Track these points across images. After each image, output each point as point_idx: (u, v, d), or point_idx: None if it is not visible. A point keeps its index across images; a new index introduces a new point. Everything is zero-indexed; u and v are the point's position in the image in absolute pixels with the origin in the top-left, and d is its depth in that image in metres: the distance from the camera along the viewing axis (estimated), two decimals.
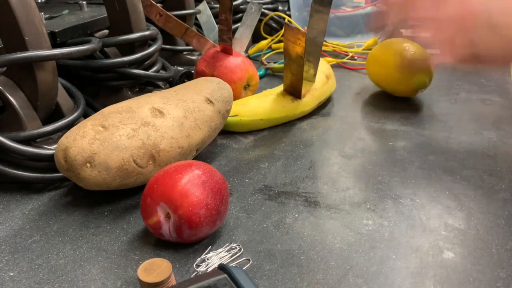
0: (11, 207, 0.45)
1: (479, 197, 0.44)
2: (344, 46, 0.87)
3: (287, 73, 0.58)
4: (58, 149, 0.43)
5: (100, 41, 0.55)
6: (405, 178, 0.48)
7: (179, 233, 0.37)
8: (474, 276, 0.35)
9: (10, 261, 0.38)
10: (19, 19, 0.43)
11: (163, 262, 0.34)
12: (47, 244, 0.40)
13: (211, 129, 0.49)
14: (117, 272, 0.37)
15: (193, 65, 0.77)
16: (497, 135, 0.55)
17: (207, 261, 0.37)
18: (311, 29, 0.58)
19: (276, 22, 0.93)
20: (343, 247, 0.38)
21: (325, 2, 0.55)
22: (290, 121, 0.62)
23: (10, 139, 0.45)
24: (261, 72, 0.78)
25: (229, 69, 0.62)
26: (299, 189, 0.47)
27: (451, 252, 0.37)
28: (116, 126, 0.43)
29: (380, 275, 0.35)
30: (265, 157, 0.53)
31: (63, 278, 0.36)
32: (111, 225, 0.42)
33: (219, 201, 0.38)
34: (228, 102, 0.52)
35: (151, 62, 0.62)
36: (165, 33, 0.69)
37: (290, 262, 0.37)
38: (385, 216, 0.42)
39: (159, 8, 0.64)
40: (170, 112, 0.46)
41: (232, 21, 0.60)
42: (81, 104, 0.53)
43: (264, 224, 0.42)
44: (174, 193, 0.37)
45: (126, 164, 0.42)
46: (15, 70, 0.47)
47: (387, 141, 0.55)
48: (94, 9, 0.67)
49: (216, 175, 0.39)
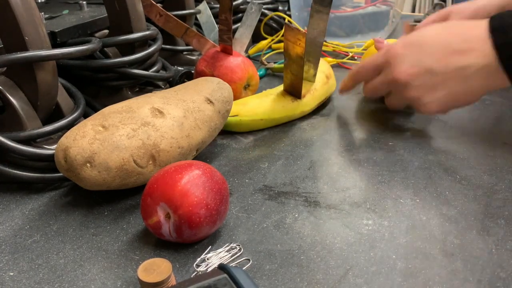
0: (11, 207, 0.45)
1: (479, 197, 0.44)
2: (344, 46, 0.87)
3: (287, 73, 0.58)
4: (58, 149, 0.43)
5: (100, 41, 0.55)
6: (405, 178, 0.48)
7: (179, 233, 0.37)
8: (474, 276, 0.35)
9: (10, 261, 0.38)
10: (19, 19, 0.43)
11: (163, 262, 0.34)
12: (47, 244, 0.40)
13: (211, 129, 0.49)
14: (117, 272, 0.37)
15: (193, 65, 0.77)
16: (497, 135, 0.55)
17: (207, 261, 0.37)
18: (311, 29, 0.58)
19: (276, 22, 0.93)
20: (343, 247, 0.38)
21: (325, 2, 0.55)
22: (290, 121, 0.62)
23: (10, 139, 0.45)
24: (261, 72, 0.78)
25: (229, 69, 0.62)
26: (299, 189, 0.47)
27: (451, 252, 0.37)
28: (116, 126, 0.43)
29: (380, 275, 0.35)
30: (265, 157, 0.53)
31: (63, 278, 0.36)
32: (111, 225, 0.42)
33: (219, 201, 0.38)
34: (228, 102, 0.52)
35: (151, 62, 0.62)
36: (165, 33, 0.69)
37: (290, 262, 0.37)
38: (385, 216, 0.42)
39: (159, 8, 0.64)
40: (170, 112, 0.46)
41: (232, 21, 0.60)
42: (81, 104, 0.53)
43: (264, 224, 0.42)
44: (174, 193, 0.37)
45: (126, 164, 0.42)
46: (15, 70, 0.47)
47: (387, 141, 0.55)
48: (94, 9, 0.67)
49: (216, 175, 0.39)
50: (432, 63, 0.50)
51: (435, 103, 0.51)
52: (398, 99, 0.55)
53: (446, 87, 0.50)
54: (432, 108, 0.52)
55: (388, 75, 0.53)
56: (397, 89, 0.53)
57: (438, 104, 0.51)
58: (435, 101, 0.51)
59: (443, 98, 0.51)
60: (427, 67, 0.50)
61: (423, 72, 0.50)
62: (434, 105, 0.51)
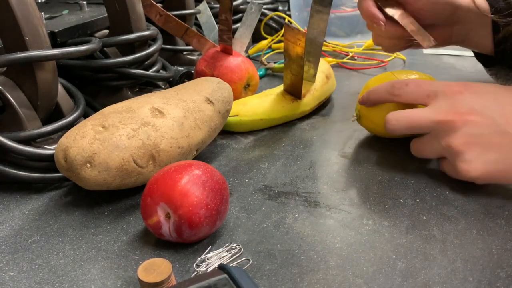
0: (11, 207, 0.45)
1: (479, 197, 0.44)
2: (344, 46, 0.87)
3: (287, 73, 0.58)
4: (58, 149, 0.43)
5: (100, 41, 0.55)
6: (405, 178, 0.48)
7: (179, 233, 0.37)
8: (474, 276, 0.35)
9: (10, 261, 0.38)
10: (19, 19, 0.43)
11: (163, 262, 0.34)
12: (47, 244, 0.40)
13: (211, 129, 0.49)
14: (117, 272, 0.37)
15: (193, 65, 0.77)
16: None
17: (207, 261, 0.37)
18: (311, 29, 0.58)
19: (276, 22, 0.93)
20: (343, 247, 0.38)
21: (325, 2, 0.55)
22: (290, 121, 0.62)
23: (10, 139, 0.45)
24: (261, 72, 0.78)
25: (229, 69, 0.62)
26: (299, 189, 0.47)
27: (451, 252, 0.37)
28: (116, 126, 0.43)
29: (380, 275, 0.35)
30: (265, 157, 0.53)
31: (63, 278, 0.36)
32: (111, 225, 0.42)
33: (219, 201, 0.38)
34: (228, 102, 0.52)
35: (151, 62, 0.62)
36: (165, 33, 0.69)
37: (290, 262, 0.37)
38: (385, 216, 0.42)
39: (159, 8, 0.64)
40: (170, 112, 0.46)
41: (232, 21, 0.60)
42: (81, 104, 0.53)
43: (264, 224, 0.42)
44: (174, 193, 0.37)
45: (126, 164, 0.42)
46: (15, 70, 0.47)
47: (388, 141, 0.55)
48: (94, 9, 0.67)
49: (216, 175, 0.39)
50: (499, 115, 0.41)
51: (481, 165, 0.41)
52: (431, 145, 0.45)
53: (504, 151, 0.40)
54: (473, 170, 0.41)
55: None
56: (436, 131, 0.43)
57: (484, 168, 0.41)
58: (481, 162, 0.41)
59: (494, 163, 0.41)
60: (490, 115, 0.41)
61: (483, 120, 0.41)
62: (477, 167, 0.41)
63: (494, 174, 0.41)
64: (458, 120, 0.41)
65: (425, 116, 0.44)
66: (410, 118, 0.45)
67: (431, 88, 0.45)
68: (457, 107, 0.42)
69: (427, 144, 0.45)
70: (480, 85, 0.45)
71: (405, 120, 0.45)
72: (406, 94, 0.47)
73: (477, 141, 0.41)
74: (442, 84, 0.45)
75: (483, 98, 0.43)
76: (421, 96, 0.46)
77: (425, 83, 0.46)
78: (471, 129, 0.41)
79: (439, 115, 0.43)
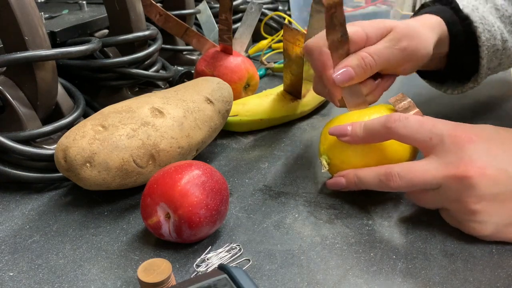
0: (11, 207, 0.45)
1: None
2: None
3: (287, 73, 0.58)
4: (58, 149, 0.43)
5: (100, 41, 0.55)
6: None
7: (179, 233, 0.37)
8: (474, 276, 0.35)
9: (10, 261, 0.38)
10: (19, 19, 0.43)
11: (163, 262, 0.34)
12: (47, 244, 0.40)
13: (211, 129, 0.49)
14: (117, 272, 0.37)
15: (193, 65, 0.77)
16: None
17: (207, 261, 0.37)
18: (311, 29, 0.58)
19: (276, 22, 0.93)
20: (343, 247, 0.38)
21: None
22: (290, 121, 0.62)
23: (10, 139, 0.45)
24: (261, 72, 0.78)
25: (229, 69, 0.62)
26: (299, 189, 0.47)
27: (452, 252, 0.37)
28: (116, 126, 0.43)
29: (380, 275, 0.35)
30: (265, 157, 0.53)
31: (63, 278, 0.36)
32: (111, 225, 0.42)
33: (219, 201, 0.38)
34: (228, 102, 0.52)
35: (151, 62, 0.62)
36: (165, 33, 0.69)
37: (290, 262, 0.37)
38: (385, 216, 0.42)
39: (159, 8, 0.64)
40: (170, 112, 0.46)
41: (232, 21, 0.60)
42: (81, 104, 0.53)
43: (264, 224, 0.42)
44: (174, 193, 0.37)
45: (126, 164, 0.42)
46: (15, 70, 0.47)
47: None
48: (94, 9, 0.67)
49: (216, 175, 0.39)
50: (510, 166, 0.37)
51: (494, 226, 0.37)
52: (434, 199, 0.39)
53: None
54: (484, 230, 0.37)
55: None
56: (447, 187, 0.38)
57: (496, 229, 0.37)
58: (495, 224, 0.37)
59: (507, 225, 0.37)
60: (504, 169, 0.37)
61: (499, 174, 0.36)
62: (490, 228, 0.37)
63: (507, 235, 0.38)
64: (474, 176, 0.36)
65: (434, 170, 0.37)
66: (414, 174, 0.38)
67: (435, 130, 0.39)
68: (470, 159, 0.37)
69: (430, 197, 0.39)
70: (488, 131, 0.40)
71: (409, 176, 0.38)
72: (405, 128, 0.39)
73: (494, 199, 0.36)
74: (447, 128, 0.39)
75: (495, 147, 0.38)
76: (422, 137, 0.39)
77: (428, 122, 0.39)
78: (488, 186, 0.36)
79: (451, 169, 0.37)
